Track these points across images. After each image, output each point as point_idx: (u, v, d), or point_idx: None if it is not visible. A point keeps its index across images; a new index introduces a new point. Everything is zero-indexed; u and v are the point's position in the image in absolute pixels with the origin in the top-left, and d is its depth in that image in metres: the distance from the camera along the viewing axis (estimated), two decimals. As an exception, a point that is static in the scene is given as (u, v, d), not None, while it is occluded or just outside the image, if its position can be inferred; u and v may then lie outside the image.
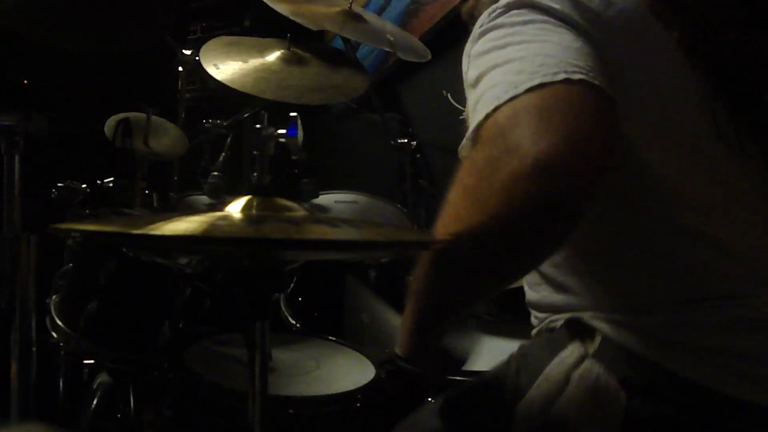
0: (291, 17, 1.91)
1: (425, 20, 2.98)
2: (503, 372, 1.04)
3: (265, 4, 1.94)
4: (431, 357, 1.06)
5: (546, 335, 1.06)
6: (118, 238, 0.97)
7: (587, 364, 0.94)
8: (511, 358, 1.07)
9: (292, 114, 1.05)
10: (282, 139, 1.03)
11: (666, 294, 0.94)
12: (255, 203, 0.93)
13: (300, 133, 1.04)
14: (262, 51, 1.95)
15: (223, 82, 1.84)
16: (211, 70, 1.87)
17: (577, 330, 0.99)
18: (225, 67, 1.88)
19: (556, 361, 0.96)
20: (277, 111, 1.78)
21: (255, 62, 1.91)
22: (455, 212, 0.88)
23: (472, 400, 1.07)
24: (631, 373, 0.92)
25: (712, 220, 0.94)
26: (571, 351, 0.96)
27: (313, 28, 1.99)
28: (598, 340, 0.96)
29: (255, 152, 1.00)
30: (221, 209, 0.94)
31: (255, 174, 0.98)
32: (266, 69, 1.89)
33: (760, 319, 0.92)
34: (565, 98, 0.82)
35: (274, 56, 1.93)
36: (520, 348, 1.09)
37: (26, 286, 1.37)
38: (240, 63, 1.89)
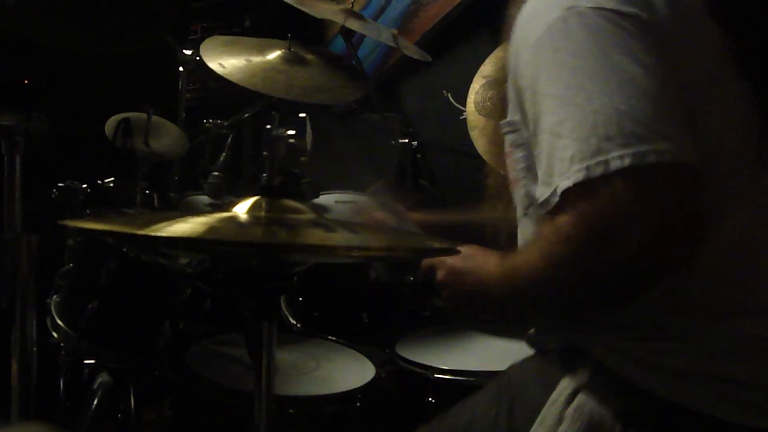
0: (296, 5, 1.91)
1: (426, 20, 2.98)
2: (494, 409, 1.03)
3: (265, 5, 1.95)
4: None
5: (537, 362, 1.06)
6: (124, 238, 0.98)
7: (580, 398, 0.93)
8: (501, 390, 1.05)
9: (301, 115, 1.05)
10: (292, 140, 1.03)
11: (658, 319, 0.93)
12: (263, 204, 0.94)
13: (309, 135, 1.04)
14: (262, 50, 1.95)
15: (231, 80, 1.83)
16: (216, 68, 1.86)
17: (569, 357, 0.97)
18: (229, 65, 1.88)
19: (548, 403, 0.96)
20: (286, 111, 1.78)
21: (258, 60, 1.91)
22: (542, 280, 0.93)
23: None
24: (626, 403, 0.91)
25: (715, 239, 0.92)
26: (563, 387, 0.96)
27: (318, 16, 1.99)
28: (589, 368, 0.95)
29: (265, 153, 0.99)
30: (230, 210, 0.95)
31: (265, 175, 0.97)
32: (271, 68, 1.89)
33: (754, 341, 0.91)
34: (657, 191, 0.83)
35: (274, 55, 1.93)
36: (510, 378, 1.07)
37: (27, 286, 1.37)
38: (244, 61, 1.89)
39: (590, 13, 0.87)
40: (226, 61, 1.89)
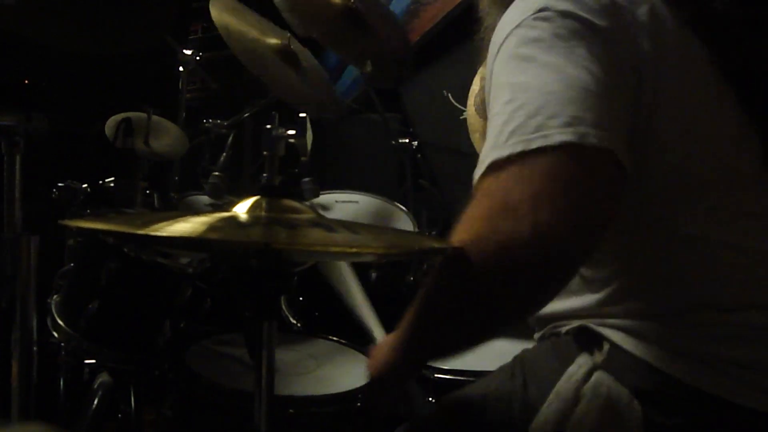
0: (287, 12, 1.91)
1: (426, 20, 2.98)
2: (508, 385, 1.03)
3: (265, 5, 1.95)
4: (394, 390, 1.09)
5: (551, 342, 1.05)
6: (124, 238, 0.98)
7: (597, 376, 0.93)
8: (515, 368, 1.05)
9: (301, 115, 1.06)
10: (291, 140, 1.03)
11: (674, 301, 0.93)
12: (263, 204, 0.94)
13: (309, 135, 1.05)
14: (264, 32, 1.95)
15: (230, 48, 1.83)
16: (222, 31, 1.86)
17: (584, 338, 0.97)
18: (234, 33, 1.88)
19: (565, 376, 0.95)
20: (286, 111, 1.78)
21: (259, 39, 1.91)
22: (455, 263, 0.88)
23: (479, 414, 1.05)
24: (642, 383, 0.91)
25: (726, 229, 0.93)
26: (580, 364, 0.95)
27: (301, 33, 1.98)
28: (606, 348, 0.95)
29: (265, 153, 1.00)
30: (229, 210, 0.95)
31: (265, 175, 0.98)
32: (270, 56, 1.89)
33: None
34: (573, 167, 0.82)
35: (273, 41, 1.94)
36: (524, 357, 1.07)
37: (27, 286, 1.37)
38: (248, 36, 1.89)
39: (557, 18, 0.89)
40: (232, 27, 1.89)
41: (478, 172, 0.88)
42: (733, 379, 0.89)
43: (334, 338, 1.76)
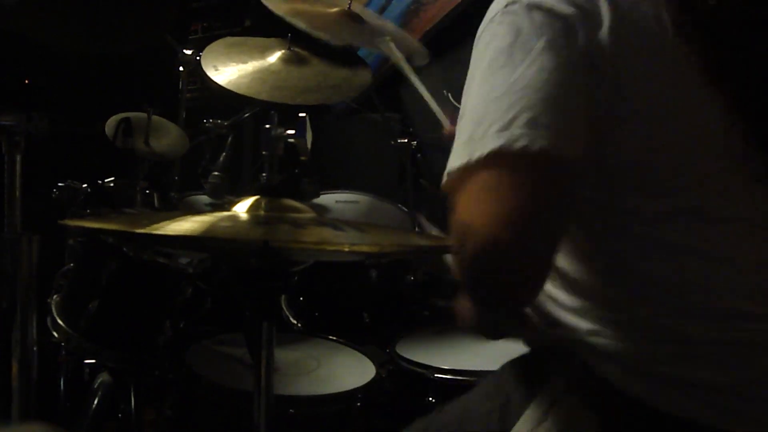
0: (288, 18, 1.90)
1: (426, 20, 2.98)
2: (488, 404, 1.04)
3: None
4: None
5: (525, 362, 1.06)
6: (125, 237, 0.98)
7: (565, 400, 0.94)
8: (494, 387, 1.06)
9: (300, 114, 1.05)
10: (291, 140, 1.03)
11: (640, 311, 0.92)
12: (263, 203, 0.94)
13: (309, 134, 1.05)
14: (264, 51, 1.94)
15: (220, 84, 1.83)
16: (210, 72, 1.87)
17: (560, 357, 0.98)
18: (224, 68, 1.88)
19: (537, 400, 0.97)
20: (285, 111, 1.78)
21: (255, 63, 1.91)
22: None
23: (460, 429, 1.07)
24: (610, 407, 0.92)
25: (688, 234, 0.92)
26: (551, 387, 0.96)
27: (312, 33, 1.98)
28: (575, 369, 0.95)
29: (264, 152, 1.00)
30: (230, 209, 0.95)
31: (264, 174, 0.98)
32: (265, 70, 1.89)
33: (740, 345, 0.90)
34: (518, 175, 0.85)
35: (275, 57, 1.93)
36: (502, 376, 1.08)
37: (27, 286, 1.37)
38: (240, 64, 1.89)
39: (522, 12, 0.91)
40: (222, 64, 1.89)
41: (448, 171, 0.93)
42: (692, 399, 0.89)
43: (334, 338, 1.76)
